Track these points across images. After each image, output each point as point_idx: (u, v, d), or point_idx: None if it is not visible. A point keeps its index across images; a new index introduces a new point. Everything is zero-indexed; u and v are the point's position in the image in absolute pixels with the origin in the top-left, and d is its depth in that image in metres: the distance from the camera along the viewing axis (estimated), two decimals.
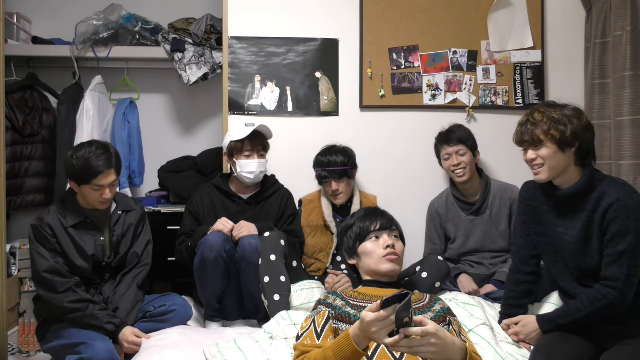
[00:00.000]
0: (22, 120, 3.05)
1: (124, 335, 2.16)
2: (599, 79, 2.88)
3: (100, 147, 2.23)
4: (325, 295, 1.74)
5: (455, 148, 2.67)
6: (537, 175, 1.91)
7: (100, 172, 2.18)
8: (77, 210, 2.27)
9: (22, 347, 3.00)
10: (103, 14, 3.15)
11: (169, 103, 3.54)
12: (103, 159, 2.19)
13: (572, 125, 1.84)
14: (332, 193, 2.67)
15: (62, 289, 2.15)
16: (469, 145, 2.68)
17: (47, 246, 2.19)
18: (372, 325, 1.34)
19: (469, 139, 2.70)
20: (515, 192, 2.66)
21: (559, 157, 1.86)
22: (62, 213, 2.25)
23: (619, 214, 1.79)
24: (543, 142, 1.86)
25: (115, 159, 2.26)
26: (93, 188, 2.20)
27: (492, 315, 2.20)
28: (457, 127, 2.75)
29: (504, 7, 3.02)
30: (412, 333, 1.33)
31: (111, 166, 2.22)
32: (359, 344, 1.41)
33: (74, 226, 2.24)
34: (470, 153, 2.68)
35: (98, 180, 2.18)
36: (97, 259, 2.26)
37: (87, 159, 2.17)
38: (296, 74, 3.00)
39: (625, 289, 1.79)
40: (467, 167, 2.65)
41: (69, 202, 2.29)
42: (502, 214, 2.67)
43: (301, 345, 1.62)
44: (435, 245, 2.78)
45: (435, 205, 2.80)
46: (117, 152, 2.30)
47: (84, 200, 2.26)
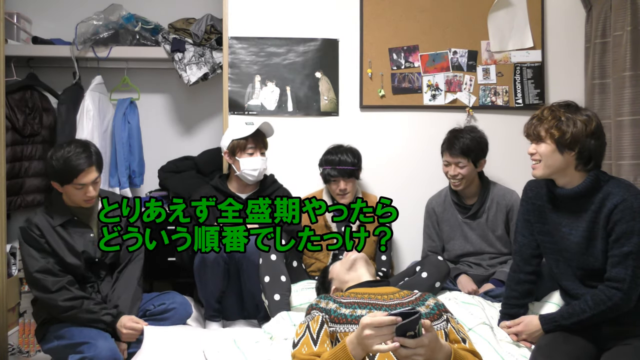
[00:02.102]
0: (22, 120, 3.05)
1: (122, 322, 2.16)
2: (599, 79, 2.88)
3: (80, 146, 2.22)
4: (317, 300, 1.73)
5: (454, 159, 2.58)
6: (533, 170, 1.94)
7: (81, 171, 2.17)
8: (64, 209, 2.27)
9: (22, 347, 2.99)
10: (103, 14, 3.15)
11: (169, 103, 3.54)
12: (83, 157, 2.18)
13: (575, 129, 1.82)
14: (340, 192, 2.68)
15: (54, 287, 2.15)
16: (472, 157, 2.57)
17: (37, 247, 2.19)
18: (367, 328, 1.34)
19: (473, 149, 2.57)
20: (513, 197, 2.64)
21: (556, 157, 1.86)
22: (49, 213, 2.25)
23: (625, 214, 1.78)
24: (543, 139, 1.87)
25: (96, 156, 2.24)
26: (76, 187, 2.19)
27: (492, 315, 2.19)
28: (466, 132, 2.62)
29: (504, 7, 3.02)
30: (406, 344, 1.33)
31: (92, 164, 2.20)
32: (355, 354, 1.41)
33: (61, 225, 2.24)
34: (471, 165, 2.59)
35: (79, 179, 2.18)
36: (88, 255, 2.26)
37: (67, 159, 2.16)
38: (296, 74, 3.00)
39: (630, 290, 1.78)
40: (463, 179, 2.59)
41: (55, 201, 2.29)
42: (499, 220, 2.65)
43: (299, 353, 1.60)
44: (433, 242, 2.77)
45: (433, 203, 2.79)
46: (97, 149, 2.29)
47: (68, 199, 2.26)
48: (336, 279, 1.93)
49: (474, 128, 2.68)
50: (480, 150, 2.62)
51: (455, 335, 1.63)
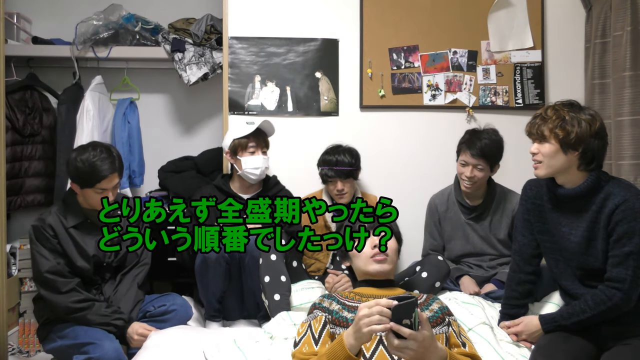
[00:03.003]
0: (22, 120, 3.05)
1: (134, 329, 2.17)
2: (599, 79, 2.88)
3: (104, 151, 2.22)
4: (321, 299, 1.72)
5: (474, 161, 2.50)
6: (535, 170, 1.92)
7: (105, 177, 2.18)
8: (78, 210, 2.27)
9: (22, 347, 3.00)
10: (103, 14, 3.15)
11: (169, 103, 3.54)
12: (107, 163, 2.19)
13: (579, 129, 1.81)
14: (338, 192, 2.68)
15: (65, 289, 2.15)
16: (491, 161, 2.52)
17: (48, 246, 2.19)
18: (363, 308, 1.39)
19: (493, 153, 2.51)
20: (517, 200, 2.59)
21: (560, 157, 1.85)
22: (63, 214, 2.25)
23: (626, 215, 1.78)
24: (547, 139, 1.85)
25: (119, 162, 2.26)
26: (96, 191, 2.19)
27: (492, 315, 2.19)
28: (489, 133, 2.55)
29: (504, 7, 3.02)
30: (401, 331, 1.35)
31: (115, 170, 2.22)
32: (351, 346, 1.43)
33: (74, 227, 2.24)
34: (488, 169, 2.53)
35: (102, 184, 2.18)
36: (98, 259, 2.26)
37: (93, 163, 2.16)
38: (296, 74, 3.00)
39: (630, 290, 1.78)
40: (477, 182, 2.54)
41: (69, 202, 2.29)
42: (503, 224, 2.62)
43: (299, 352, 1.61)
44: (435, 240, 2.75)
45: (436, 201, 2.76)
46: (119, 154, 2.30)
47: (84, 201, 2.26)
48: (356, 262, 1.84)
49: (496, 131, 2.59)
50: (499, 154, 2.57)
51: (456, 339, 1.63)
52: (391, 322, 1.35)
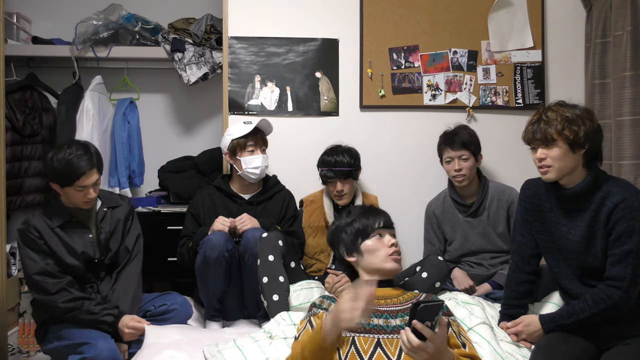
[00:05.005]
0: (22, 120, 3.05)
1: (124, 322, 2.16)
2: (599, 78, 2.88)
3: (81, 148, 2.20)
4: (320, 300, 1.73)
5: (457, 153, 2.62)
6: (545, 175, 1.88)
7: (83, 173, 2.16)
8: (62, 210, 2.26)
9: (22, 347, 2.99)
10: (103, 14, 3.15)
11: (169, 103, 3.54)
12: (84, 160, 2.17)
13: (585, 126, 1.81)
14: (337, 193, 2.68)
15: (54, 289, 2.14)
16: (472, 150, 2.63)
17: (35, 248, 2.18)
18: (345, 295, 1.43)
19: (472, 142, 2.65)
20: (513, 193, 2.64)
21: (569, 158, 1.84)
22: (47, 214, 2.24)
23: (625, 213, 1.78)
24: (556, 142, 1.83)
25: (97, 158, 2.23)
26: (76, 189, 2.18)
27: (492, 315, 2.19)
28: (462, 128, 2.71)
29: (504, 7, 3.02)
30: (424, 332, 1.37)
31: (93, 166, 2.19)
32: (327, 331, 1.46)
33: (60, 226, 2.23)
34: (473, 158, 2.63)
35: (81, 182, 2.16)
36: (87, 256, 2.26)
37: (69, 161, 2.14)
38: (296, 74, 3.00)
39: (630, 289, 1.78)
40: (467, 173, 2.62)
41: (53, 203, 2.29)
42: (500, 216, 2.65)
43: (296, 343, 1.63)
44: (434, 246, 2.77)
45: (432, 207, 2.79)
46: (97, 150, 2.27)
47: (67, 200, 2.25)
48: (370, 258, 1.79)
49: (466, 125, 2.77)
50: (478, 143, 2.69)
51: (456, 339, 1.63)
52: (414, 320, 1.35)
